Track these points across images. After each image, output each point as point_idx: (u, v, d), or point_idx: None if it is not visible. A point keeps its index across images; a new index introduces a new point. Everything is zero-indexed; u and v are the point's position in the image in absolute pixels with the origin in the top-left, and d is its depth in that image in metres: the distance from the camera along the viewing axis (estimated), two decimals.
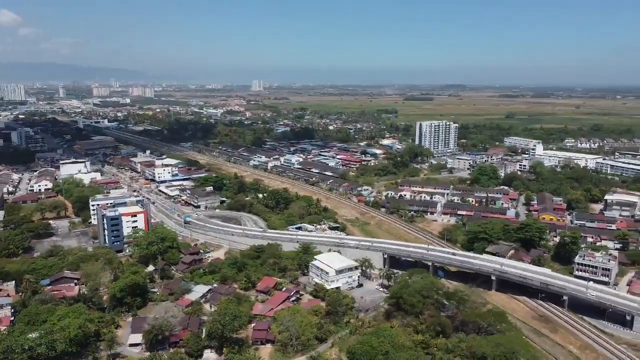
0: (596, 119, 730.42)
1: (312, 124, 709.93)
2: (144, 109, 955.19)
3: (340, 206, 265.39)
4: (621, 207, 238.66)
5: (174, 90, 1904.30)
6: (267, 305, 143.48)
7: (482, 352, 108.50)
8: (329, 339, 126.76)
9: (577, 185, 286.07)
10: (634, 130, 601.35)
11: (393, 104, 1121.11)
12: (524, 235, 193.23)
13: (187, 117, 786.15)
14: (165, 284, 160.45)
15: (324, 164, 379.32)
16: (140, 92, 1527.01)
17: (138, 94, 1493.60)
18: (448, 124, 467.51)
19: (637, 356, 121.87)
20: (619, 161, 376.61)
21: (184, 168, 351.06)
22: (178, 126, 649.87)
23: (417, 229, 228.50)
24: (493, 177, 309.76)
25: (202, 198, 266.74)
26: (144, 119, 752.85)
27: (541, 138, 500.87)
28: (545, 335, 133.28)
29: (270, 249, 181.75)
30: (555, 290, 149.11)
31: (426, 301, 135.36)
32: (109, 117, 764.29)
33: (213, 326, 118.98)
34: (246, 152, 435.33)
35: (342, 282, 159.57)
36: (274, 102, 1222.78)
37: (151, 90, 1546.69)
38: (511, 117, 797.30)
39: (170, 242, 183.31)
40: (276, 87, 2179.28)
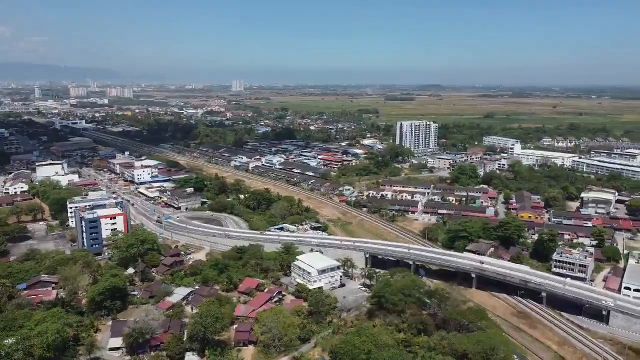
0: (572, 119, 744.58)
1: (293, 124, 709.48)
2: (122, 109, 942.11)
3: (321, 206, 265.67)
4: (597, 205, 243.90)
5: (153, 90, 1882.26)
6: (249, 306, 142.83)
7: (463, 349, 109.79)
8: (311, 339, 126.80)
9: (554, 184, 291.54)
10: (609, 129, 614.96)
11: (374, 104, 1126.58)
12: (503, 233, 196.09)
13: (166, 118, 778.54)
14: (145, 287, 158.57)
15: (306, 164, 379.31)
16: (118, 92, 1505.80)
17: (116, 94, 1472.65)
18: (428, 123, 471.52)
19: (613, 350, 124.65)
20: (594, 160, 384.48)
21: (164, 169, 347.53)
22: (157, 127, 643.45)
23: (398, 228, 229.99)
24: (473, 176, 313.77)
25: (183, 199, 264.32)
26: (122, 120, 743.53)
27: (519, 137, 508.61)
28: (524, 332, 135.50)
29: (252, 250, 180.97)
30: (534, 287, 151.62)
31: (408, 300, 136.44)
32: (87, 118, 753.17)
33: (194, 328, 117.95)
34: (227, 153, 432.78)
35: (324, 282, 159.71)
36: (254, 102, 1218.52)
37: (130, 91, 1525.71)
38: (490, 117, 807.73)
39: (150, 244, 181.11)
40: (257, 87, 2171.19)
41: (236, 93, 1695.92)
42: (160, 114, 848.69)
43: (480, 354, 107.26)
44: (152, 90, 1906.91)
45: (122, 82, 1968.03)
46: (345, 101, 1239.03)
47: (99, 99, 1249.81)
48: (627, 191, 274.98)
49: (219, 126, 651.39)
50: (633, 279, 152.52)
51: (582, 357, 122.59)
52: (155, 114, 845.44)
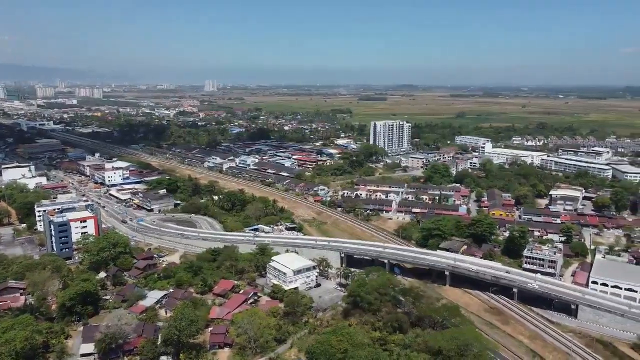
0: (541, 118, 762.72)
1: (267, 124, 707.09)
2: (92, 110, 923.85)
3: (296, 206, 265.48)
4: (565, 202, 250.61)
5: (124, 91, 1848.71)
6: (224, 308, 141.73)
7: (437, 346, 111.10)
8: (288, 340, 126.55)
9: (524, 182, 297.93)
10: (575, 128, 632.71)
11: (347, 104, 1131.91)
12: (476, 230, 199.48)
13: (138, 119, 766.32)
14: (118, 291, 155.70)
15: (280, 164, 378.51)
16: (87, 92, 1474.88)
17: (85, 94, 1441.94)
18: (401, 123, 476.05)
19: (582, 343, 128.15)
20: (562, 158, 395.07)
21: (136, 171, 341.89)
22: (129, 128, 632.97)
23: (373, 227, 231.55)
24: (445, 175, 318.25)
25: (155, 201, 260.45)
26: (92, 121, 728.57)
27: (490, 136, 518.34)
28: (497, 327, 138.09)
29: (226, 252, 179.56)
30: (506, 283, 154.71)
31: (383, 298, 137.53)
32: (55, 119, 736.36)
33: (169, 332, 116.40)
34: (200, 154, 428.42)
35: (300, 283, 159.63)
36: (228, 102, 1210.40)
37: (99, 91, 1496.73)
38: (462, 117, 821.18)
39: (122, 247, 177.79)
40: (230, 87, 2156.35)
41: (209, 93, 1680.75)
42: (131, 115, 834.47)
43: (455, 351, 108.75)
44: (123, 90, 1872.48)
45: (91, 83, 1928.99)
46: (319, 101, 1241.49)
47: (68, 100, 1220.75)
48: (593, 188, 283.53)
49: (192, 127, 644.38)
50: (600, 274, 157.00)
51: (552, 351, 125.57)
52: (126, 115, 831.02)
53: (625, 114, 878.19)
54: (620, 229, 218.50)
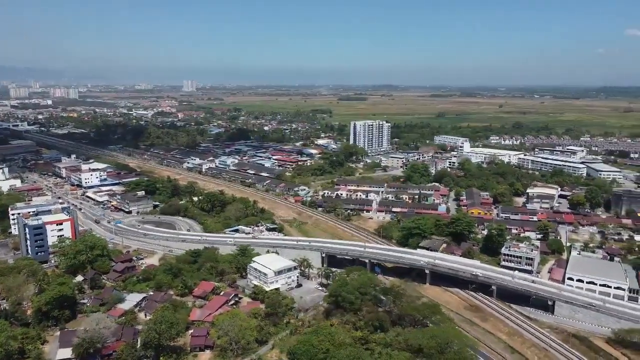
0: (517, 118, 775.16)
1: (247, 124, 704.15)
2: (67, 110, 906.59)
3: (277, 207, 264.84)
4: (541, 200, 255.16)
5: (100, 91, 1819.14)
6: (205, 310, 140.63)
7: (418, 344, 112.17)
8: (269, 341, 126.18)
9: (502, 180, 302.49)
10: (551, 127, 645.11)
11: (327, 104, 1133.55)
12: (455, 229, 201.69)
13: (115, 119, 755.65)
14: (95, 295, 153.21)
15: (260, 165, 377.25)
16: (63, 93, 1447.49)
17: (61, 95, 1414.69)
18: (381, 123, 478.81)
19: (559, 338, 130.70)
20: (538, 157, 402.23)
21: (113, 172, 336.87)
22: (106, 129, 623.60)
23: (353, 227, 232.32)
24: (425, 175, 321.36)
25: (134, 203, 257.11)
26: (68, 122, 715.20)
27: (468, 136, 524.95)
28: (476, 324, 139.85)
29: (206, 253, 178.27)
30: (485, 280, 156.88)
31: (364, 298, 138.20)
32: (29, 120, 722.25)
33: (148, 335, 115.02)
34: (179, 155, 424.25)
35: (281, 283, 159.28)
36: (207, 102, 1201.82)
37: (75, 91, 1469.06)
38: (441, 116, 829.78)
39: (100, 250, 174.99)
40: (209, 87, 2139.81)
41: (188, 93, 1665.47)
42: (108, 115, 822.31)
43: (435, 348, 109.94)
44: (99, 91, 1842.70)
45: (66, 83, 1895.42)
46: (299, 101, 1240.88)
47: (42, 100, 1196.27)
48: (569, 186, 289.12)
49: (171, 127, 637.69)
50: (575, 270, 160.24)
51: (530, 347, 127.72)
52: (103, 115, 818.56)
53: (599, 114, 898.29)
54: (594, 226, 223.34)
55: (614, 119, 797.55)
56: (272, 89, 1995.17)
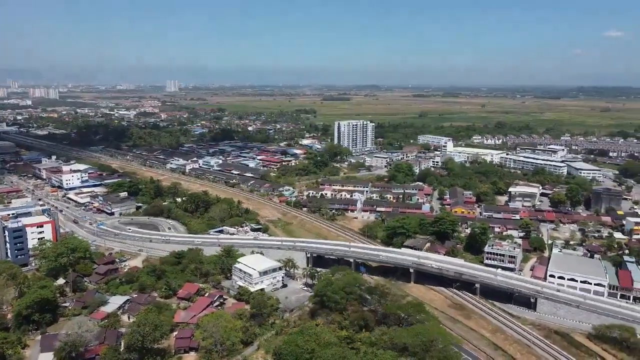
0: (499, 117, 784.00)
1: (230, 125, 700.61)
2: (47, 111, 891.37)
3: (262, 207, 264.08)
4: (523, 198, 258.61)
5: (81, 91, 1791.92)
6: (189, 312, 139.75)
7: (403, 343, 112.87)
8: (254, 342, 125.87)
9: (484, 179, 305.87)
10: (532, 127, 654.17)
11: (311, 104, 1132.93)
12: (439, 228, 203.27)
13: (97, 120, 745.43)
14: (77, 298, 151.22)
15: (244, 165, 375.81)
16: (42, 93, 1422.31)
17: (40, 95, 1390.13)
18: (365, 123, 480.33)
19: (541, 335, 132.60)
20: (520, 156, 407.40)
21: (95, 173, 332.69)
22: (87, 129, 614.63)
23: (338, 226, 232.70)
24: (409, 174, 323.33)
25: (116, 204, 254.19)
26: (48, 122, 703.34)
27: (451, 135, 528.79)
28: (460, 322, 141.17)
29: (191, 254, 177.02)
30: (468, 278, 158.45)
31: (349, 297, 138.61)
32: (8, 121, 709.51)
33: (132, 338, 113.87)
34: (162, 155, 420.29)
35: (266, 284, 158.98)
36: (190, 102, 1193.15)
37: (55, 92, 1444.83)
38: (424, 116, 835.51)
39: (81, 252, 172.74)
40: (192, 87, 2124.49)
41: (171, 93, 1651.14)
42: (89, 116, 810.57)
43: (420, 347, 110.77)
44: (80, 91, 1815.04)
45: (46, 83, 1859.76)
46: (282, 101, 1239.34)
47: (22, 100, 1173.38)
48: (550, 185, 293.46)
49: (153, 128, 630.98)
50: (557, 267, 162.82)
51: (513, 343, 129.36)
52: (84, 116, 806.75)
53: (578, 113, 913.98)
54: (575, 224, 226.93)
55: (592, 118, 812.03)
56: (256, 89, 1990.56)
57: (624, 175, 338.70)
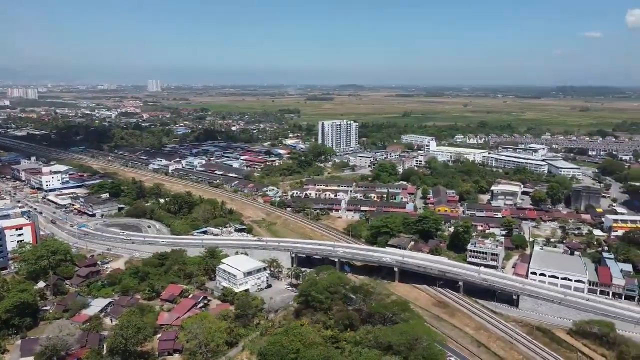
0: (481, 117, 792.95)
1: (214, 125, 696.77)
2: (26, 111, 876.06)
3: (246, 207, 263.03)
4: (505, 197, 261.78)
5: (61, 91, 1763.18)
6: (173, 314, 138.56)
7: (388, 342, 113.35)
8: (239, 343, 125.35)
9: (467, 178, 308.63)
10: (514, 126, 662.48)
11: (295, 104, 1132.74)
12: (422, 227, 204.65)
13: (77, 120, 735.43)
14: (58, 301, 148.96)
15: (228, 165, 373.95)
16: (21, 93, 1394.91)
17: (19, 95, 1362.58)
18: (349, 123, 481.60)
19: (523, 331, 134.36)
20: (501, 155, 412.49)
21: (76, 175, 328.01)
22: (67, 130, 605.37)
23: (323, 226, 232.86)
24: (392, 173, 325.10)
25: (98, 206, 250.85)
26: (27, 123, 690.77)
27: (434, 135, 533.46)
28: (444, 320, 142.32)
29: (174, 256, 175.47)
30: (452, 277, 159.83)
31: (334, 297, 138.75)
32: None
33: (115, 341, 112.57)
34: (145, 156, 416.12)
35: (250, 284, 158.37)
36: (173, 103, 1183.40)
37: (34, 92, 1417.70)
38: (407, 116, 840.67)
39: (62, 255, 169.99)
40: (175, 87, 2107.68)
41: (153, 93, 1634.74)
42: (69, 116, 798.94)
43: (404, 345, 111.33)
44: (60, 91, 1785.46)
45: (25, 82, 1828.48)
46: (266, 101, 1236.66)
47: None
48: (531, 183, 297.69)
49: (135, 128, 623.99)
50: (538, 265, 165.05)
51: (496, 340, 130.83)
52: (64, 116, 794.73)
53: (558, 113, 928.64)
54: (555, 222, 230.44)
55: (572, 117, 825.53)
56: (239, 89, 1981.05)
57: (603, 174, 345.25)
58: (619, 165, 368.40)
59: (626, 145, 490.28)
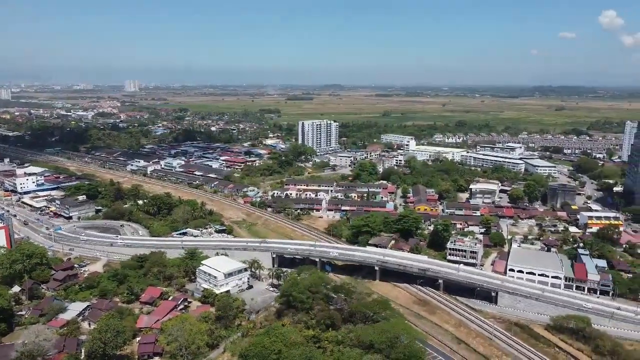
0: (460, 116, 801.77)
1: (193, 125, 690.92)
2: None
3: (226, 208, 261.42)
4: (483, 195, 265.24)
5: (35, 91, 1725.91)
6: (152, 316, 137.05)
7: (369, 340, 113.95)
8: (220, 345, 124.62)
9: (446, 177, 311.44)
10: (491, 125, 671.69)
11: (275, 103, 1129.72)
12: (403, 226, 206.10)
13: (52, 121, 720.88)
14: (34, 305, 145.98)
15: (208, 166, 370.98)
16: None
17: None
18: (329, 122, 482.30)
19: (502, 327, 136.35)
20: (480, 154, 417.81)
21: (52, 176, 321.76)
22: (42, 131, 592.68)
23: (304, 226, 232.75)
24: (372, 173, 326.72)
25: (75, 208, 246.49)
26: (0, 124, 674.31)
27: (414, 134, 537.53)
28: (425, 318, 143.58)
29: (153, 258, 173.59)
30: (432, 275, 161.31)
31: (315, 297, 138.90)
32: None
33: (93, 345, 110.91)
34: (123, 157, 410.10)
35: (231, 286, 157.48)
36: (151, 103, 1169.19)
37: (7, 92, 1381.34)
38: (387, 115, 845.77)
39: (38, 258, 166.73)
40: (153, 87, 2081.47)
41: (130, 93, 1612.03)
42: (44, 117, 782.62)
43: (386, 343, 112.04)
44: (35, 91, 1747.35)
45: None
46: (246, 101, 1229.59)
47: None
48: (509, 181, 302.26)
49: (113, 129, 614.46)
50: (516, 262, 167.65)
51: (475, 337, 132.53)
52: (39, 117, 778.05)
53: (535, 112, 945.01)
54: (532, 219, 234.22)
55: (548, 116, 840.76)
56: (219, 89, 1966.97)
57: (578, 171, 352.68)
58: (593, 163, 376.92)
59: (600, 143, 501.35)
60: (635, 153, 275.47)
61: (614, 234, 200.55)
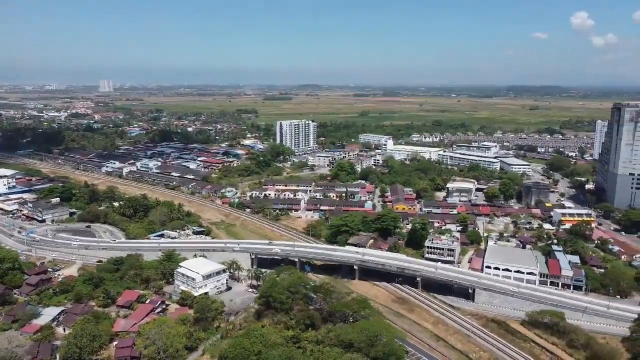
0: (436, 116, 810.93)
1: (169, 125, 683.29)
2: None
3: (204, 209, 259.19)
4: (460, 194, 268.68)
5: (5, 92, 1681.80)
6: (129, 320, 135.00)
7: (349, 339, 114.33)
8: (199, 347, 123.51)
9: (423, 176, 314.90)
10: (467, 125, 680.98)
11: (253, 103, 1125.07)
12: (381, 225, 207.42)
13: (24, 122, 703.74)
14: (7, 311, 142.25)
15: (185, 167, 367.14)
16: None
17: None
18: (307, 122, 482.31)
19: (479, 324, 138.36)
20: (456, 153, 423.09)
21: (23, 179, 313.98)
22: (13, 132, 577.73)
23: (282, 226, 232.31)
24: (351, 172, 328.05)
25: (48, 211, 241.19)
26: None
27: (391, 134, 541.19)
28: (403, 316, 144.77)
29: (130, 260, 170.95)
30: (410, 273, 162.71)
31: (295, 297, 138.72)
32: None
33: (68, 350, 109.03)
34: (97, 159, 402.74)
35: (210, 287, 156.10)
36: (126, 103, 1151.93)
37: None
38: (365, 115, 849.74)
39: (10, 263, 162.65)
40: (128, 87, 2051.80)
41: (104, 94, 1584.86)
42: (15, 118, 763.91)
43: (365, 342, 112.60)
44: (5, 91, 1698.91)
45: None
46: (223, 101, 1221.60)
47: None
48: (484, 180, 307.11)
49: (87, 130, 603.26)
50: (492, 259, 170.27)
51: (453, 334, 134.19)
52: (9, 118, 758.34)
53: (509, 111, 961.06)
54: (508, 217, 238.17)
55: (522, 116, 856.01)
56: (195, 89, 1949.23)
57: (551, 169, 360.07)
58: (566, 162, 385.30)
59: (572, 142, 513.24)
60: (605, 151, 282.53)
61: (586, 230, 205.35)
